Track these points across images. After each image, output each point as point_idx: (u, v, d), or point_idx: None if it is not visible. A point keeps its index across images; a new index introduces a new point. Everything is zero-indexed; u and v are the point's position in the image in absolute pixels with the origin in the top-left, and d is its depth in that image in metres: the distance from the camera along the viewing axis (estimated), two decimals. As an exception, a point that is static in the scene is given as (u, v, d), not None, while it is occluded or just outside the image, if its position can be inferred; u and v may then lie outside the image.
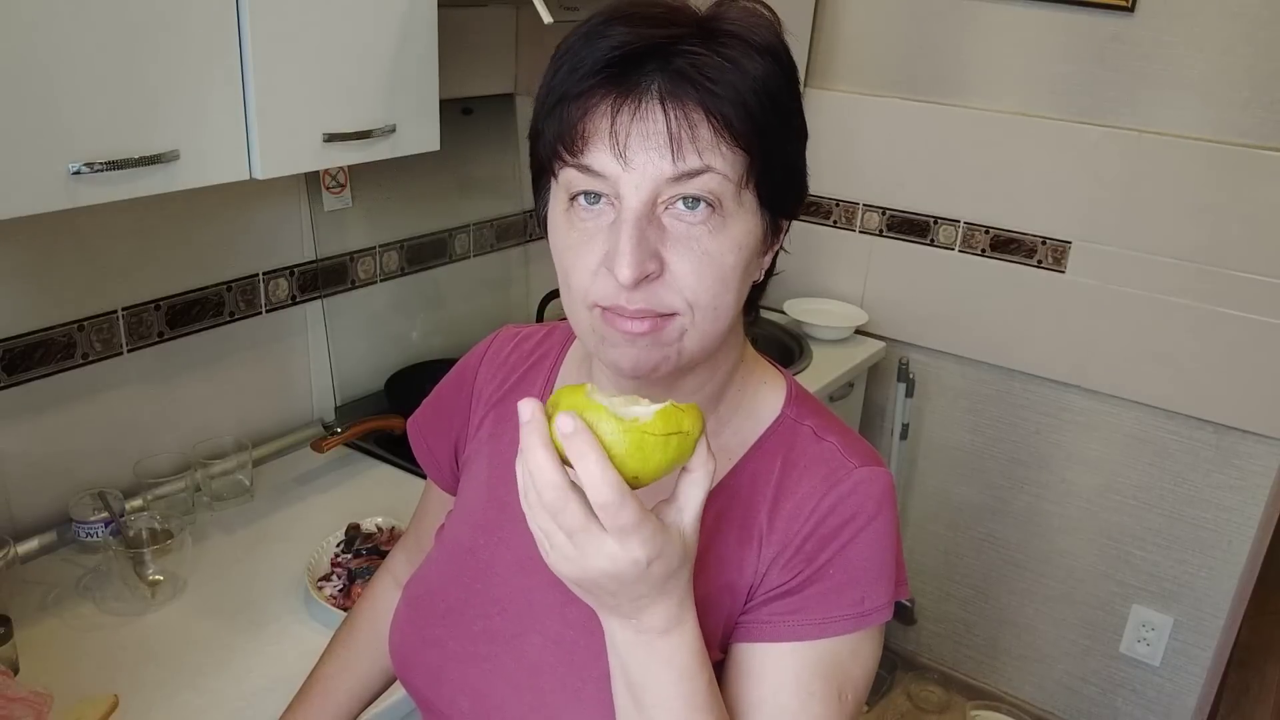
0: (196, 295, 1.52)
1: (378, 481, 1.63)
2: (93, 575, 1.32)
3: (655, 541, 0.58)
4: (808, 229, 2.46)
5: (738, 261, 0.67)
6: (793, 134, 0.69)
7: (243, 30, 1.10)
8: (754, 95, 0.64)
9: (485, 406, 0.87)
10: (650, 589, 0.60)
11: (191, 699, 1.12)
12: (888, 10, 2.23)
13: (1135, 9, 1.94)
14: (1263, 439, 2.00)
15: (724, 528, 0.74)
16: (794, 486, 0.73)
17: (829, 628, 0.70)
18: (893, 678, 2.57)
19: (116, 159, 1.01)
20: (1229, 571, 2.11)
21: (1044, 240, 2.15)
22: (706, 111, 0.63)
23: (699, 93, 0.62)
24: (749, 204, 0.67)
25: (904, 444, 2.45)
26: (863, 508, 0.71)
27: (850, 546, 0.71)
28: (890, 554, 0.73)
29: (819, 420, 0.77)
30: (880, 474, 0.73)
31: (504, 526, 0.81)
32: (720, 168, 0.64)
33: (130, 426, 1.47)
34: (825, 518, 0.71)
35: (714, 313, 0.67)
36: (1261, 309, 1.94)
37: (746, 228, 0.67)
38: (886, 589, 0.72)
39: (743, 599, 0.73)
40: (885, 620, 0.73)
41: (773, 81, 0.65)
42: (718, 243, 0.65)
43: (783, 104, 0.66)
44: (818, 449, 0.75)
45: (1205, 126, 1.93)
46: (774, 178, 0.67)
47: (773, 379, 0.80)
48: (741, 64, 0.63)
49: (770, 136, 0.65)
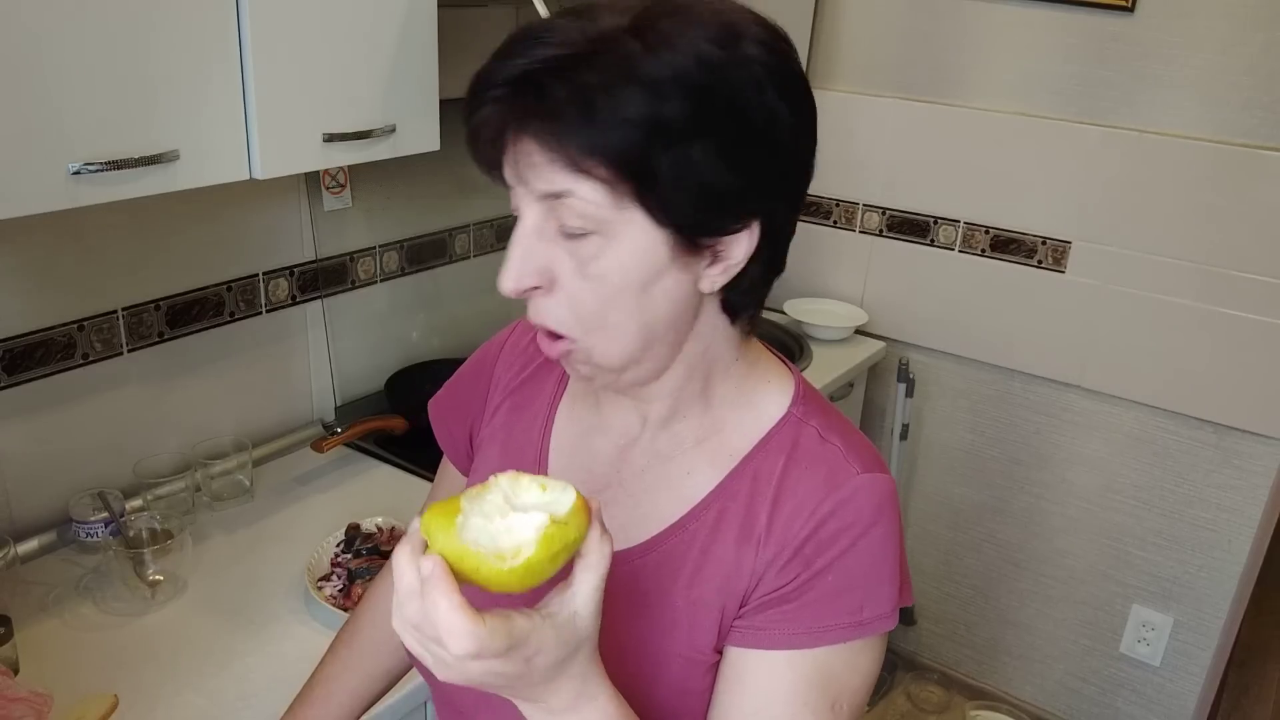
0: (196, 295, 1.52)
1: (378, 481, 1.63)
2: (93, 575, 1.32)
3: (524, 649, 0.57)
4: (808, 229, 2.46)
5: (626, 282, 0.65)
6: (704, 149, 0.62)
7: (243, 30, 1.10)
8: (621, 125, 0.60)
9: (502, 393, 0.89)
10: (541, 679, 0.60)
11: (191, 699, 1.12)
12: (888, 10, 2.23)
13: (1135, 9, 1.94)
14: (1263, 439, 2.00)
15: (723, 528, 0.73)
16: (794, 487, 0.72)
17: (825, 636, 0.69)
18: (893, 678, 2.57)
19: (116, 159, 1.01)
20: (1229, 571, 2.11)
21: (1044, 240, 2.15)
22: (558, 141, 0.61)
23: (554, 123, 0.61)
24: (638, 222, 0.64)
25: (904, 444, 2.45)
26: (862, 514, 0.70)
27: (849, 553, 0.70)
28: (891, 561, 0.71)
29: (825, 420, 0.76)
30: (882, 480, 0.72)
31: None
32: (585, 193, 0.62)
33: (130, 426, 1.47)
34: (824, 522, 0.70)
35: (608, 332, 0.67)
36: (1261, 309, 1.94)
37: (637, 247, 0.64)
38: (888, 597, 0.71)
39: (738, 602, 0.72)
40: (887, 629, 0.71)
41: (651, 107, 0.60)
42: (601, 264, 0.65)
43: (676, 120, 0.61)
44: (821, 450, 0.74)
45: (1205, 126, 1.93)
46: (671, 196, 0.63)
47: (779, 377, 0.79)
48: (618, 89, 0.60)
49: (655, 156, 0.61)
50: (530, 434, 0.85)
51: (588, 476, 0.81)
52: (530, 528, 0.56)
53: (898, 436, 2.44)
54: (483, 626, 0.55)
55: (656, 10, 0.63)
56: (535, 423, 0.85)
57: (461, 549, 0.56)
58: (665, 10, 0.63)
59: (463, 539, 0.56)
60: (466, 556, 0.56)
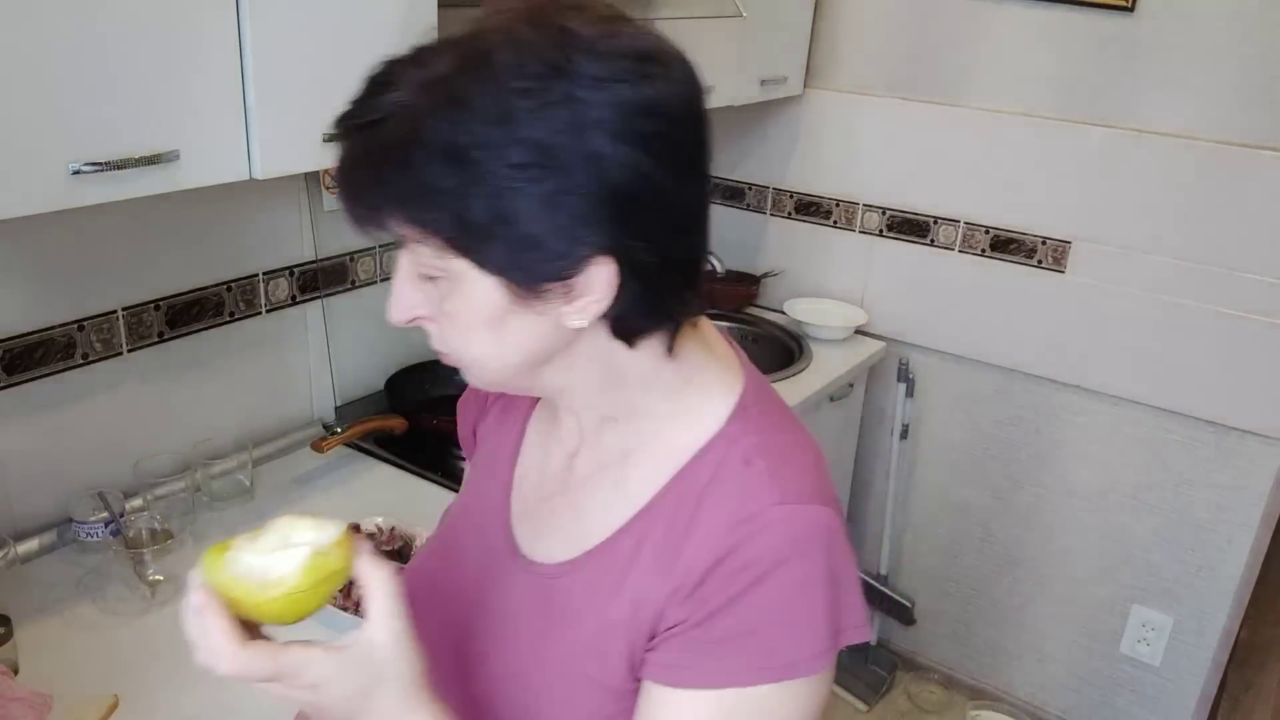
0: (196, 295, 1.52)
1: (378, 481, 1.63)
2: (93, 575, 1.32)
3: (300, 678, 0.63)
4: (808, 229, 2.46)
5: (474, 322, 0.66)
6: (511, 201, 0.60)
7: (242, 30, 1.10)
8: (415, 190, 0.61)
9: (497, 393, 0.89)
10: (343, 707, 0.64)
11: (191, 699, 1.12)
12: (888, 10, 2.23)
13: (1135, 9, 1.94)
14: (1263, 439, 2.00)
15: (644, 552, 0.70)
16: (708, 515, 0.68)
17: (729, 678, 0.65)
18: (893, 678, 2.57)
19: (116, 159, 1.01)
20: (1229, 571, 2.11)
21: (1044, 240, 2.15)
22: (372, 199, 0.63)
23: (366, 184, 0.63)
24: (468, 271, 0.63)
25: (904, 444, 2.45)
26: (770, 550, 0.65)
27: (751, 592, 0.64)
28: (811, 602, 0.65)
29: (762, 439, 0.71)
30: (806, 512, 0.66)
31: (479, 514, 0.85)
32: (416, 244, 0.64)
33: (130, 426, 1.47)
34: (725, 557, 0.65)
35: (479, 361, 0.70)
36: (1261, 309, 1.94)
37: (474, 292, 0.64)
38: (809, 641, 0.65)
39: (648, 632, 0.69)
40: (810, 674, 0.66)
41: (446, 164, 0.59)
42: (450, 305, 0.66)
43: (470, 180, 0.59)
44: (741, 475, 0.68)
45: (1205, 126, 1.93)
46: (484, 249, 0.62)
47: (724, 389, 0.74)
48: (406, 156, 0.60)
49: (457, 214, 0.61)
50: (509, 437, 0.86)
51: (540, 481, 0.81)
52: (294, 560, 0.62)
53: (898, 436, 2.44)
54: (244, 651, 0.61)
55: (472, 55, 0.60)
56: (515, 426, 0.86)
57: (230, 580, 0.62)
58: (478, 57, 0.60)
59: (231, 572, 0.62)
60: (235, 588, 0.62)
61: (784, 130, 2.42)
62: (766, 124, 2.44)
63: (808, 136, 2.39)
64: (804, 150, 2.40)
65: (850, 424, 2.46)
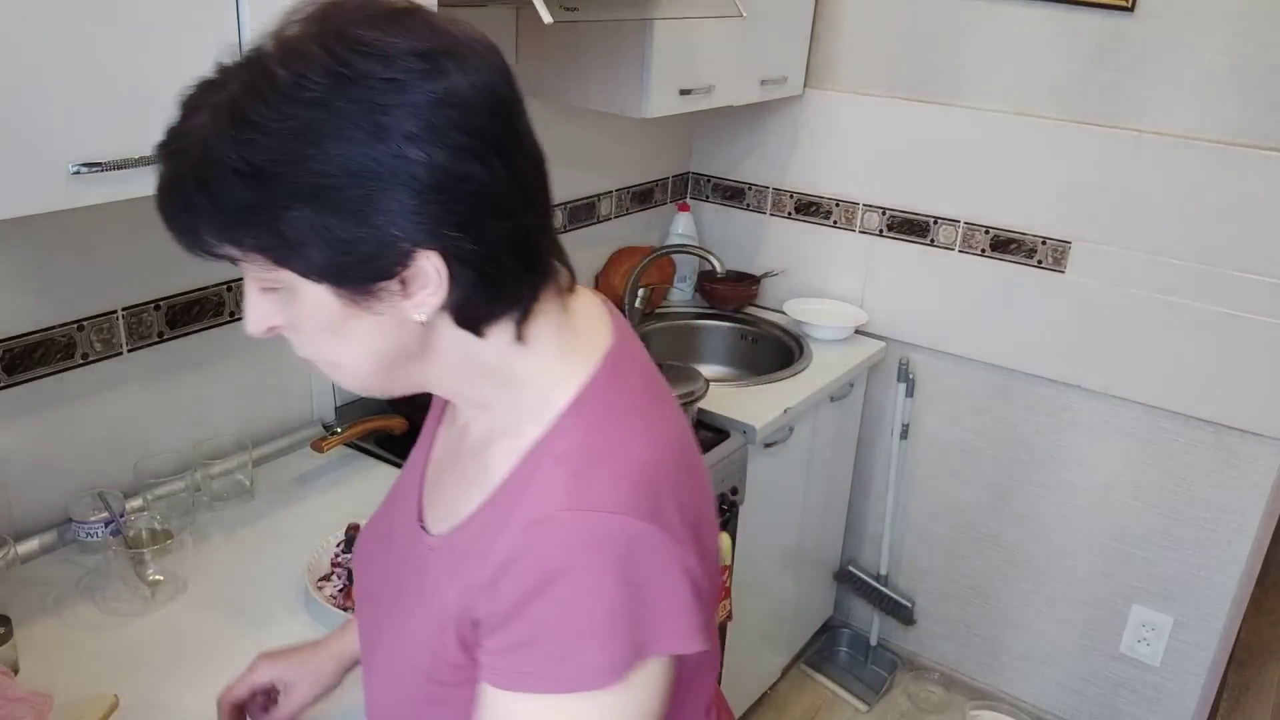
0: (196, 295, 1.52)
1: (378, 481, 1.63)
2: (93, 575, 1.32)
3: None
4: (808, 229, 2.46)
5: (317, 328, 0.67)
6: (305, 212, 0.61)
7: (242, 30, 1.10)
8: (219, 213, 0.62)
9: None
10: None
11: (192, 699, 1.12)
12: (887, 11, 2.23)
13: (1135, 9, 1.94)
14: (1263, 439, 2.00)
15: (482, 539, 0.71)
16: (518, 513, 0.68)
17: (521, 681, 0.65)
18: (893, 678, 2.58)
19: (117, 159, 1.01)
20: (1229, 571, 2.11)
21: (1044, 240, 2.15)
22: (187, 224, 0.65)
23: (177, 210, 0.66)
24: (293, 281, 0.64)
25: (904, 444, 2.45)
26: (550, 558, 0.64)
27: (534, 601, 0.64)
28: (598, 614, 0.63)
29: (585, 437, 0.70)
30: (592, 521, 0.64)
31: (408, 475, 0.89)
32: (238, 258, 0.65)
33: (130, 426, 1.47)
34: (514, 560, 0.65)
35: (334, 365, 0.70)
36: (1261, 309, 1.94)
37: (308, 299, 0.65)
38: (601, 652, 0.64)
39: (470, 620, 0.69)
40: (601, 688, 0.64)
41: (243, 183, 0.60)
42: (291, 314, 0.67)
43: (267, 194, 0.60)
44: (547, 474, 0.68)
45: (1205, 126, 1.93)
46: (300, 257, 0.63)
47: (566, 382, 0.73)
48: (202, 182, 0.62)
49: (261, 230, 0.62)
50: (439, 402, 0.90)
51: (444, 453, 0.85)
52: None
53: (898, 436, 2.44)
54: None
55: (257, 74, 0.61)
56: (439, 403, 0.91)
57: None
58: (262, 75, 0.61)
59: None
60: None
61: (784, 130, 2.42)
62: (766, 124, 2.44)
63: (808, 136, 2.39)
64: (804, 150, 2.40)
65: (850, 424, 2.46)
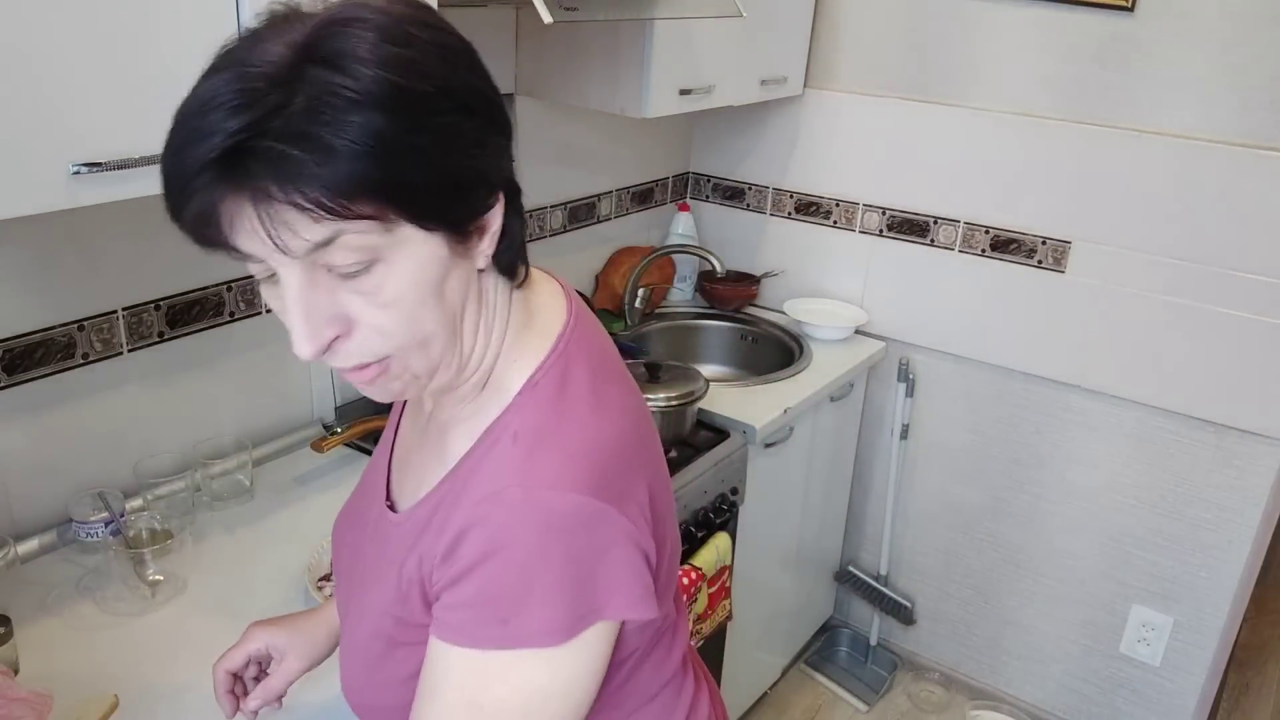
0: (196, 295, 1.52)
1: (378, 481, 1.63)
2: (93, 575, 1.32)
3: None
4: (807, 229, 2.46)
5: (422, 295, 0.66)
6: (428, 152, 0.62)
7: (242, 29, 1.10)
8: (364, 156, 0.59)
9: None
10: None
11: (192, 699, 1.12)
12: (888, 10, 2.23)
13: (1135, 9, 1.94)
14: (1263, 439, 2.00)
15: (436, 514, 0.75)
16: (472, 487, 0.72)
17: (471, 640, 0.69)
18: (893, 677, 2.58)
19: (117, 159, 1.01)
20: (1229, 571, 2.11)
21: (1044, 240, 2.15)
22: (305, 195, 0.59)
23: (296, 179, 0.59)
24: (411, 236, 0.64)
25: (904, 444, 2.45)
26: (498, 531, 0.68)
27: (481, 567, 0.68)
28: (543, 581, 0.67)
29: (540, 418, 0.73)
30: (541, 499, 0.68)
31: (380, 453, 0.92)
32: (352, 230, 0.61)
33: (130, 426, 1.47)
34: (467, 530, 0.69)
35: (423, 345, 0.69)
36: (1261, 309, 1.94)
37: (420, 257, 0.65)
38: (539, 619, 0.68)
39: (430, 586, 0.73)
40: (539, 648, 0.68)
41: (376, 124, 0.59)
42: (393, 288, 0.65)
43: (395, 136, 0.60)
44: (505, 452, 0.72)
45: (1205, 126, 1.93)
46: (431, 202, 0.64)
47: (527, 359, 0.76)
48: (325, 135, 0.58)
49: (402, 172, 0.61)
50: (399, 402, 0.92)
51: (409, 434, 0.87)
52: None
53: (898, 436, 2.44)
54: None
55: (322, 31, 0.61)
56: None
57: None
58: (331, 27, 0.62)
59: None
60: None
61: (784, 130, 2.42)
62: (766, 124, 2.44)
63: (808, 136, 2.39)
64: (804, 150, 2.40)
65: (850, 424, 2.46)
